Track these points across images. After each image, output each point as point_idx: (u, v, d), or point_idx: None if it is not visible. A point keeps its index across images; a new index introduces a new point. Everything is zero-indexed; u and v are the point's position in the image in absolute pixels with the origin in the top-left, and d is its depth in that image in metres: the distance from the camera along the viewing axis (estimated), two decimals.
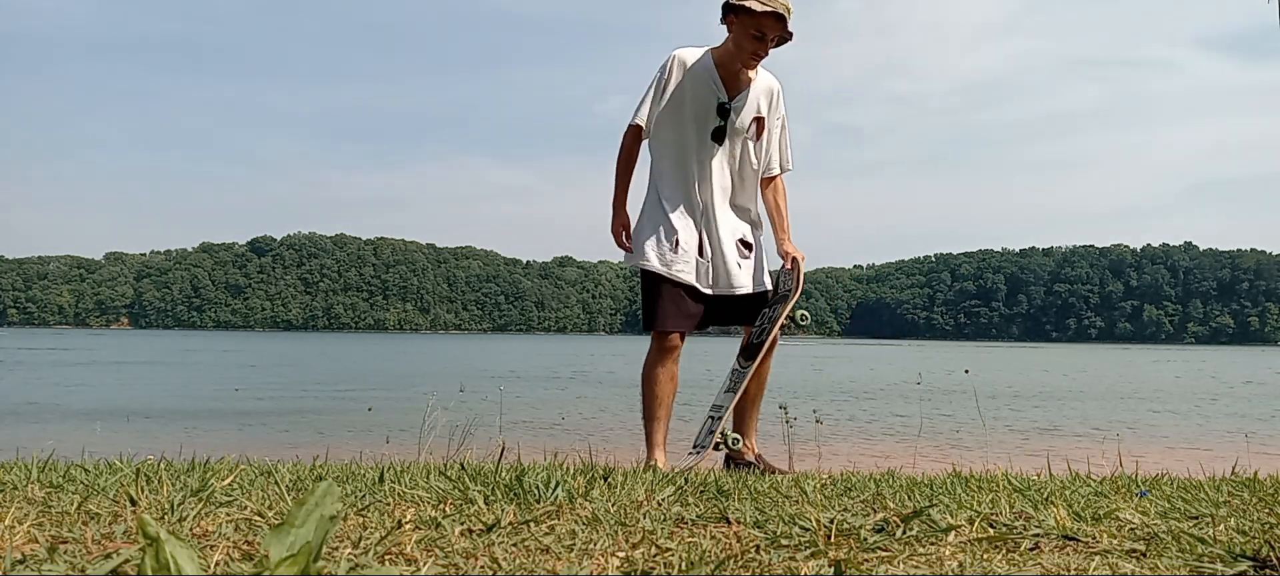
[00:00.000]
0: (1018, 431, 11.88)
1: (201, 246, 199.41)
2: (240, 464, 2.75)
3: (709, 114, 3.40)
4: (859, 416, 13.48)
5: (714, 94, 3.40)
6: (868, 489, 2.44)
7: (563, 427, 11.50)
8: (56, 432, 9.75)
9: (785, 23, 3.25)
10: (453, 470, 2.46)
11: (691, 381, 3.84)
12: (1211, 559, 1.42)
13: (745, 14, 3.23)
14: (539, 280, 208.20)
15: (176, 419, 12.65)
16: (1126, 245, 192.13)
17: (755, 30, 3.25)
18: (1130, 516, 1.80)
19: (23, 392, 17.60)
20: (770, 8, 3.20)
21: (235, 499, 1.93)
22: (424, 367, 31.27)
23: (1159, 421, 14.03)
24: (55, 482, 2.20)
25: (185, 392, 18.17)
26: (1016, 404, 16.39)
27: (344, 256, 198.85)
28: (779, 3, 3.22)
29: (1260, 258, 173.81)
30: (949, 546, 1.52)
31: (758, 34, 3.25)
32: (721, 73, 3.40)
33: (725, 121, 3.40)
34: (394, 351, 51.56)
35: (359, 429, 11.10)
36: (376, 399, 16.54)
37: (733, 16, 3.29)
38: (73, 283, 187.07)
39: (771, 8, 3.21)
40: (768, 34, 3.25)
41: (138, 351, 44.58)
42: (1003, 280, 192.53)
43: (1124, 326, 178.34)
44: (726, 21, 3.33)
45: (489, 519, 1.70)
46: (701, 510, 1.91)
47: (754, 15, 3.21)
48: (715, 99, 3.40)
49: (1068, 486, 2.47)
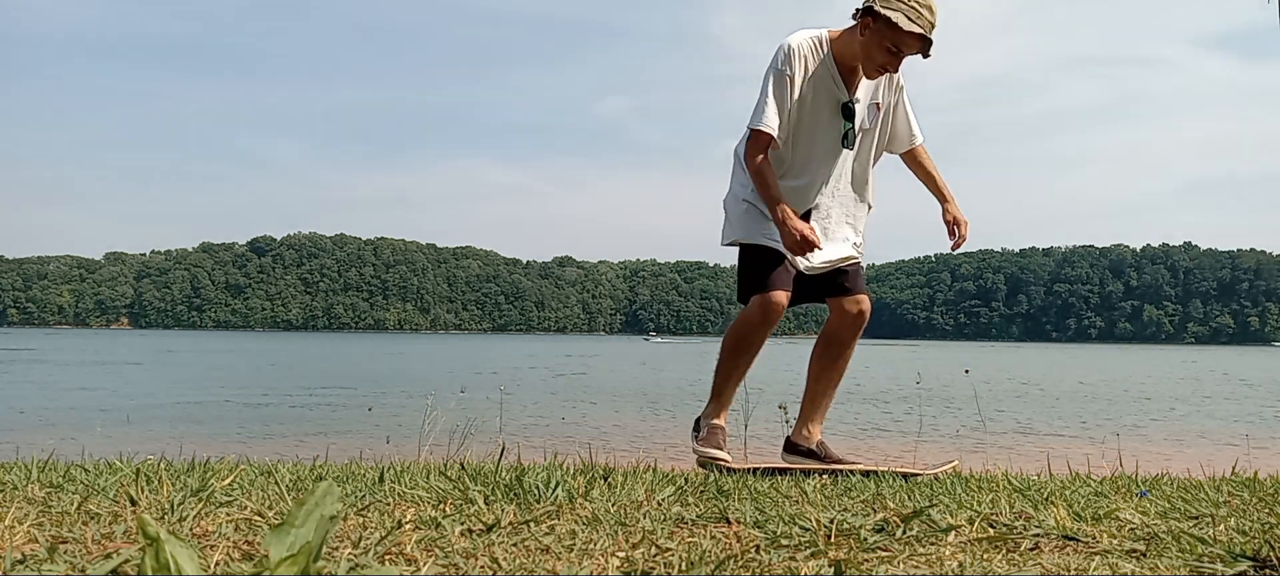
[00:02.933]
0: (1018, 431, 11.88)
1: (201, 246, 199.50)
2: (240, 464, 2.75)
3: (832, 116, 3.11)
4: (859, 416, 13.48)
5: (835, 93, 3.10)
6: (868, 489, 2.44)
7: (563, 428, 11.50)
8: (56, 432, 9.76)
9: (929, 45, 2.92)
10: (453, 470, 2.46)
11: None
12: (1211, 559, 1.42)
13: (887, 25, 2.89)
14: (539, 280, 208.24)
15: (176, 419, 12.65)
16: (1126, 245, 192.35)
17: (893, 45, 2.92)
18: (1130, 516, 1.79)
19: (23, 393, 17.60)
20: (918, 28, 2.87)
21: (235, 499, 1.93)
22: (424, 368, 31.26)
23: (1159, 421, 14.03)
24: (55, 482, 2.20)
25: (185, 393, 18.17)
26: (1016, 404, 16.39)
27: (344, 256, 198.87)
28: (927, 20, 2.89)
29: (1260, 258, 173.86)
30: (949, 546, 1.52)
31: (893, 49, 2.93)
32: (841, 67, 3.08)
33: (852, 122, 3.13)
34: (394, 351, 51.55)
35: (359, 429, 11.10)
36: (376, 399, 16.54)
37: (870, 20, 2.93)
38: (73, 283, 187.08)
39: (919, 28, 2.87)
40: (905, 51, 2.94)
41: (137, 351, 44.57)
42: (1003, 280, 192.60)
43: (1124, 326, 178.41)
44: (862, 22, 2.97)
45: (489, 519, 1.70)
46: (701, 510, 1.91)
47: (897, 31, 2.88)
48: (837, 99, 3.10)
49: (1068, 486, 2.47)
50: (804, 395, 3.39)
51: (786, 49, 3.05)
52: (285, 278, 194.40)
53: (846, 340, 3.29)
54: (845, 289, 3.22)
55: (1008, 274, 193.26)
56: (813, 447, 3.32)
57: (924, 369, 29.07)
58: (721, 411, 3.27)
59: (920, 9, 2.88)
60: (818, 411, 3.36)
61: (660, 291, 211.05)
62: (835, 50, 3.07)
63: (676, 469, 2.96)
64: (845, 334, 3.28)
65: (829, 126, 3.12)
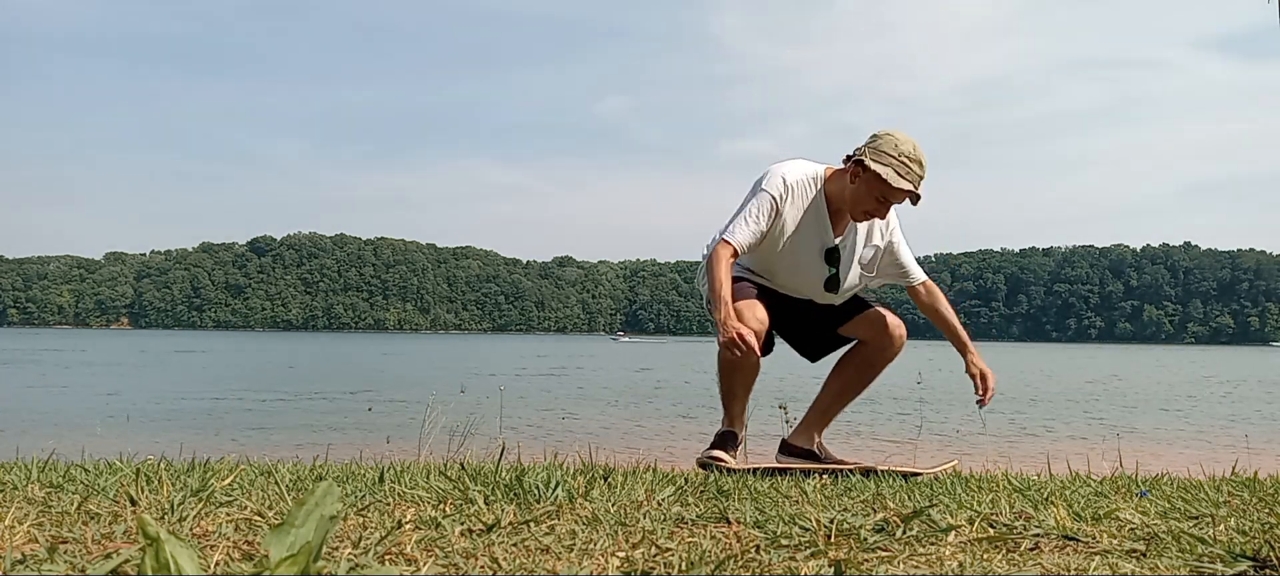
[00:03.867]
0: (1018, 431, 11.88)
1: (201, 246, 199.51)
2: (240, 464, 2.75)
3: (817, 256, 3.09)
4: (859, 416, 13.48)
5: (822, 237, 3.06)
6: (868, 489, 2.44)
7: (563, 427, 11.50)
8: (56, 432, 9.75)
9: (918, 198, 2.95)
10: (453, 470, 2.46)
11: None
12: (1211, 559, 1.42)
13: (876, 178, 2.90)
14: (539, 280, 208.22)
15: (176, 419, 12.65)
16: (1126, 245, 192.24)
17: (881, 196, 2.94)
18: (1130, 516, 1.80)
19: (23, 393, 17.60)
20: (907, 186, 2.89)
21: (235, 499, 1.93)
22: (424, 367, 31.26)
23: (1159, 421, 14.03)
24: (55, 482, 2.20)
25: (185, 393, 18.17)
26: (1016, 404, 16.39)
27: (344, 256, 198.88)
28: (915, 175, 2.91)
29: (1260, 258, 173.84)
30: (949, 546, 1.52)
31: (882, 200, 2.95)
32: (830, 208, 3.05)
33: (836, 269, 3.10)
34: (394, 351, 51.54)
35: (359, 429, 11.10)
36: (376, 399, 16.54)
37: (859, 171, 2.94)
38: (73, 283, 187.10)
39: (909, 186, 2.90)
40: (892, 202, 2.97)
41: (137, 352, 44.57)
42: (1003, 280, 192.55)
43: (1124, 326, 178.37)
44: (851, 171, 2.97)
45: (489, 519, 1.70)
46: (701, 510, 1.91)
47: (887, 185, 2.89)
48: (824, 243, 3.07)
49: (1068, 486, 2.47)
50: (816, 402, 3.37)
51: (780, 179, 3.02)
52: (285, 278, 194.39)
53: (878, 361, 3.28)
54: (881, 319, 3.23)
55: (1008, 274, 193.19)
56: (812, 449, 3.30)
57: (924, 369, 29.01)
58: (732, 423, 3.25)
59: (910, 165, 2.90)
60: (826, 420, 3.36)
61: (660, 291, 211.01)
62: (827, 190, 3.05)
63: (676, 469, 2.97)
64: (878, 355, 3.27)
65: (814, 266, 3.11)
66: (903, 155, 2.89)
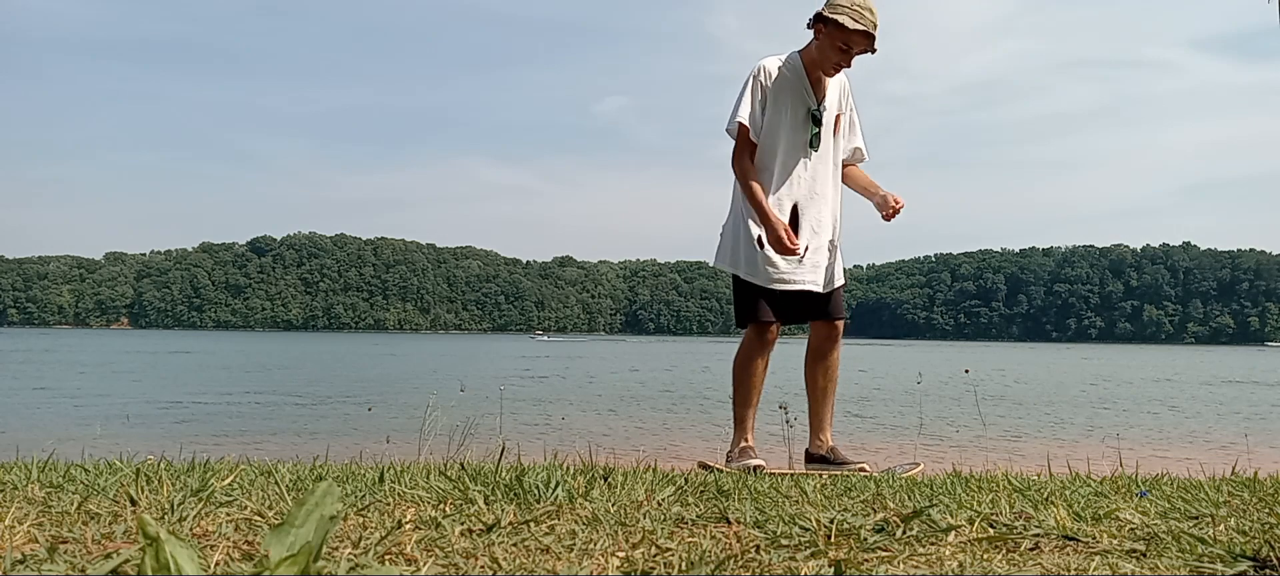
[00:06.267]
0: (1018, 431, 11.88)
1: (201, 246, 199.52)
2: (240, 464, 2.75)
3: (803, 120, 3.49)
4: (859, 416, 13.48)
5: (805, 100, 3.49)
6: (868, 489, 2.44)
7: (563, 428, 11.50)
8: (56, 433, 9.74)
9: (873, 40, 3.32)
10: (453, 470, 2.46)
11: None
12: (1211, 559, 1.42)
13: (835, 27, 3.31)
14: (539, 280, 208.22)
15: (177, 419, 12.65)
16: (1126, 245, 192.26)
17: (843, 44, 3.33)
18: (1130, 516, 1.79)
19: (23, 393, 17.60)
20: (861, 27, 3.28)
21: (235, 499, 1.93)
22: (424, 367, 31.26)
23: (1159, 421, 14.03)
24: (55, 482, 2.20)
25: (186, 393, 18.17)
26: (1016, 404, 16.39)
27: (344, 256, 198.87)
28: (869, 20, 3.30)
29: (1260, 258, 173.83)
30: (949, 546, 1.52)
31: (844, 47, 3.34)
32: (810, 77, 3.48)
33: (819, 127, 3.51)
34: (394, 351, 51.54)
35: (359, 429, 11.10)
36: (376, 399, 16.54)
37: (821, 26, 3.37)
38: (73, 283, 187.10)
39: (862, 27, 3.29)
40: (854, 49, 3.35)
41: (137, 351, 44.56)
42: (1003, 280, 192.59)
43: (1124, 326, 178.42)
44: (815, 29, 3.40)
45: (489, 519, 1.70)
46: (701, 510, 1.91)
47: (845, 31, 3.30)
48: (806, 106, 3.49)
49: (1068, 486, 2.47)
50: (809, 409, 3.75)
51: (761, 66, 3.49)
52: (285, 277, 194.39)
53: (828, 352, 3.66)
54: (825, 312, 3.59)
55: (1008, 274, 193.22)
56: (825, 453, 3.65)
57: (924, 369, 29.07)
58: (743, 437, 3.60)
59: (862, 10, 3.31)
60: (822, 420, 3.70)
61: (660, 291, 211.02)
62: (805, 61, 3.49)
63: (676, 469, 2.97)
64: (826, 347, 3.66)
65: (800, 130, 3.50)
66: (855, 3, 3.30)
